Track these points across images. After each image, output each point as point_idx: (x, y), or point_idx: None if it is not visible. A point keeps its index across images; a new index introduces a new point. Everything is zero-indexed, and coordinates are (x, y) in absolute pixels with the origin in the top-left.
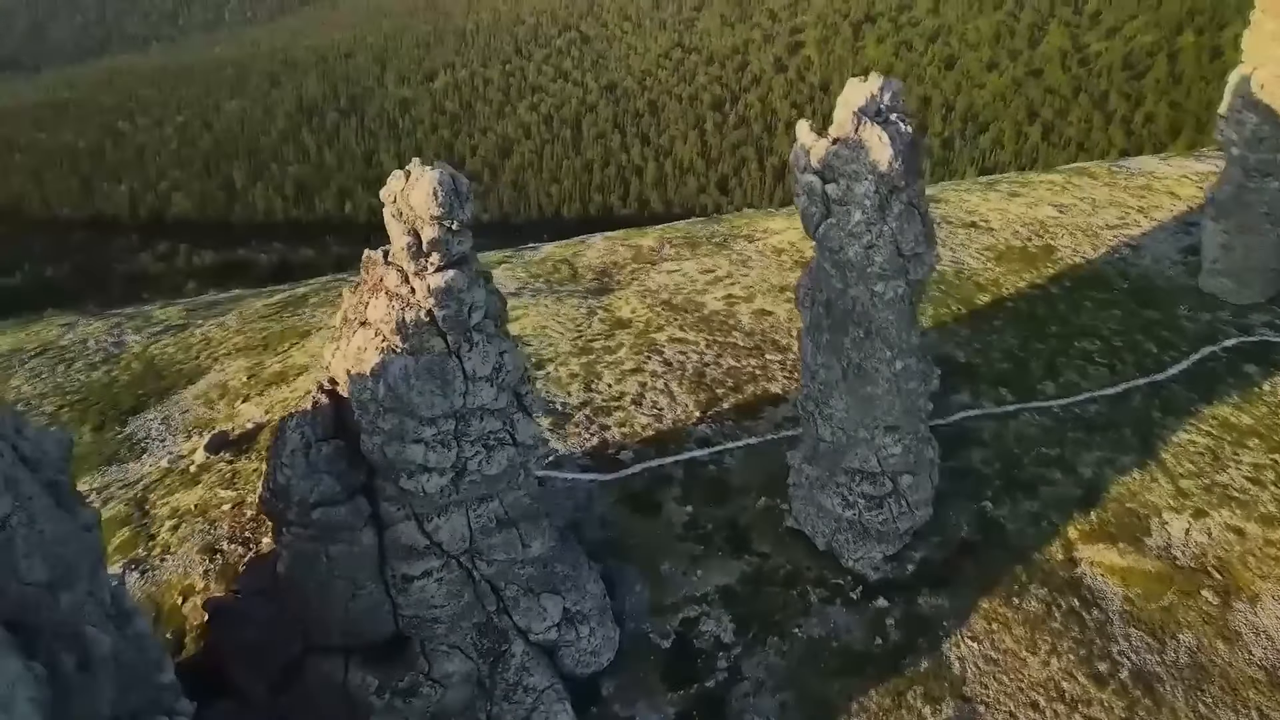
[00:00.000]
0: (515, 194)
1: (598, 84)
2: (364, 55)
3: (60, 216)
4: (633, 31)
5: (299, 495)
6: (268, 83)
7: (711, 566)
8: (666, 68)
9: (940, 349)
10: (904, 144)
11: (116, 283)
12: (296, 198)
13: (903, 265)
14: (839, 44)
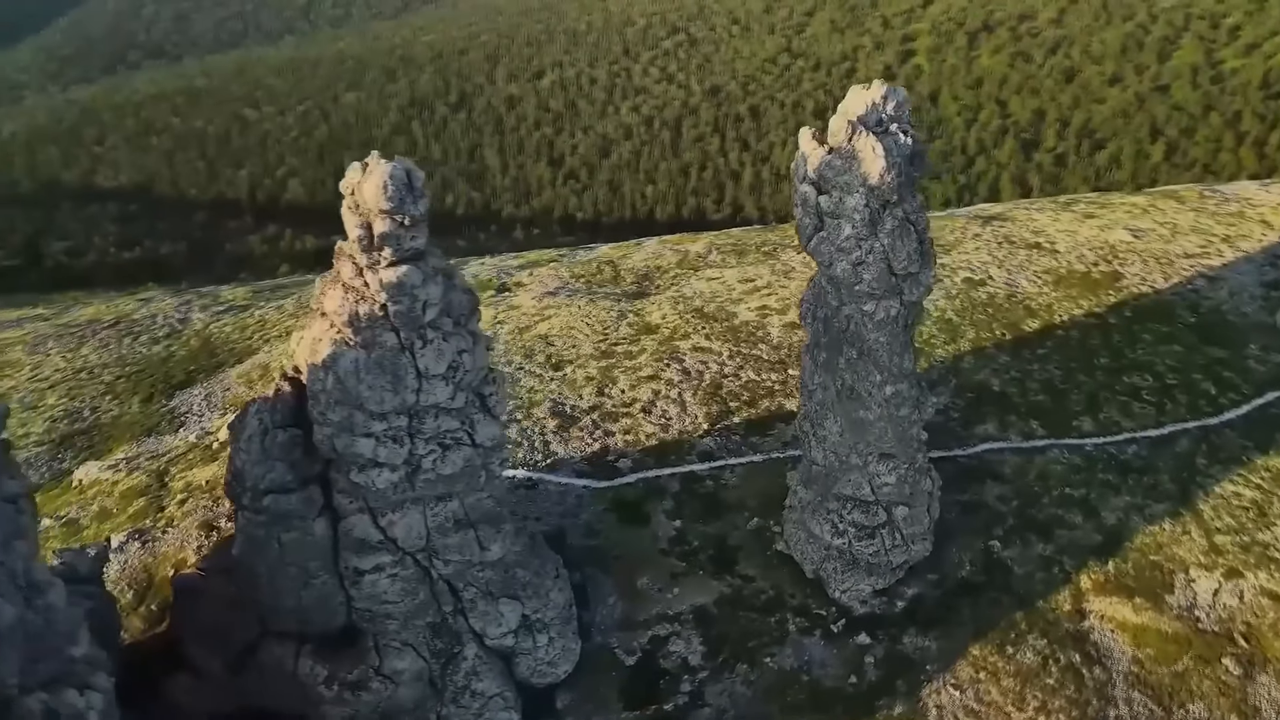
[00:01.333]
0: (610, 194)
1: (701, 87)
2: (477, 52)
3: (186, 197)
4: (740, 35)
5: (252, 480)
6: (384, 76)
7: (690, 585)
8: (771, 72)
9: (974, 376)
10: (901, 156)
11: (222, 262)
12: None
13: (895, 285)
14: (952, 53)
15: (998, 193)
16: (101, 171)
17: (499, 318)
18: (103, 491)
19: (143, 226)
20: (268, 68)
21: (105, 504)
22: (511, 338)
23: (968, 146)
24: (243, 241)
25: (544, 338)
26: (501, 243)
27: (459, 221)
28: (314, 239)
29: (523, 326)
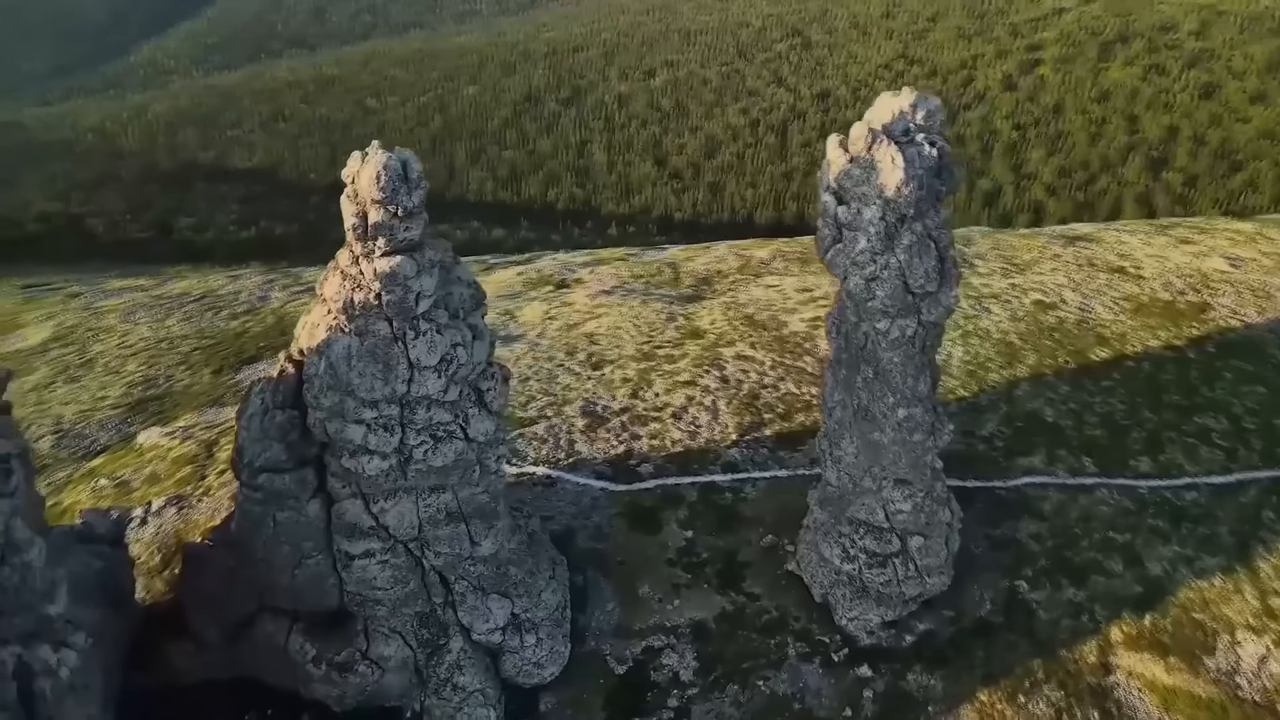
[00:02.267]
0: (711, 196)
1: (810, 91)
2: (594, 50)
3: (306, 181)
4: (858, 40)
5: (249, 457)
6: (502, 71)
7: (693, 598)
8: (885, 78)
9: (1027, 404)
10: (924, 169)
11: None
12: (507, 180)
13: (912, 303)
14: (1080, 64)
15: (1119, 212)
16: (234, 153)
17: (551, 313)
18: (158, 456)
19: (263, 207)
20: (393, 59)
21: (157, 469)
22: (558, 334)
23: (1090, 163)
24: None
25: (590, 336)
26: (597, 239)
27: (560, 215)
28: None
29: (572, 324)
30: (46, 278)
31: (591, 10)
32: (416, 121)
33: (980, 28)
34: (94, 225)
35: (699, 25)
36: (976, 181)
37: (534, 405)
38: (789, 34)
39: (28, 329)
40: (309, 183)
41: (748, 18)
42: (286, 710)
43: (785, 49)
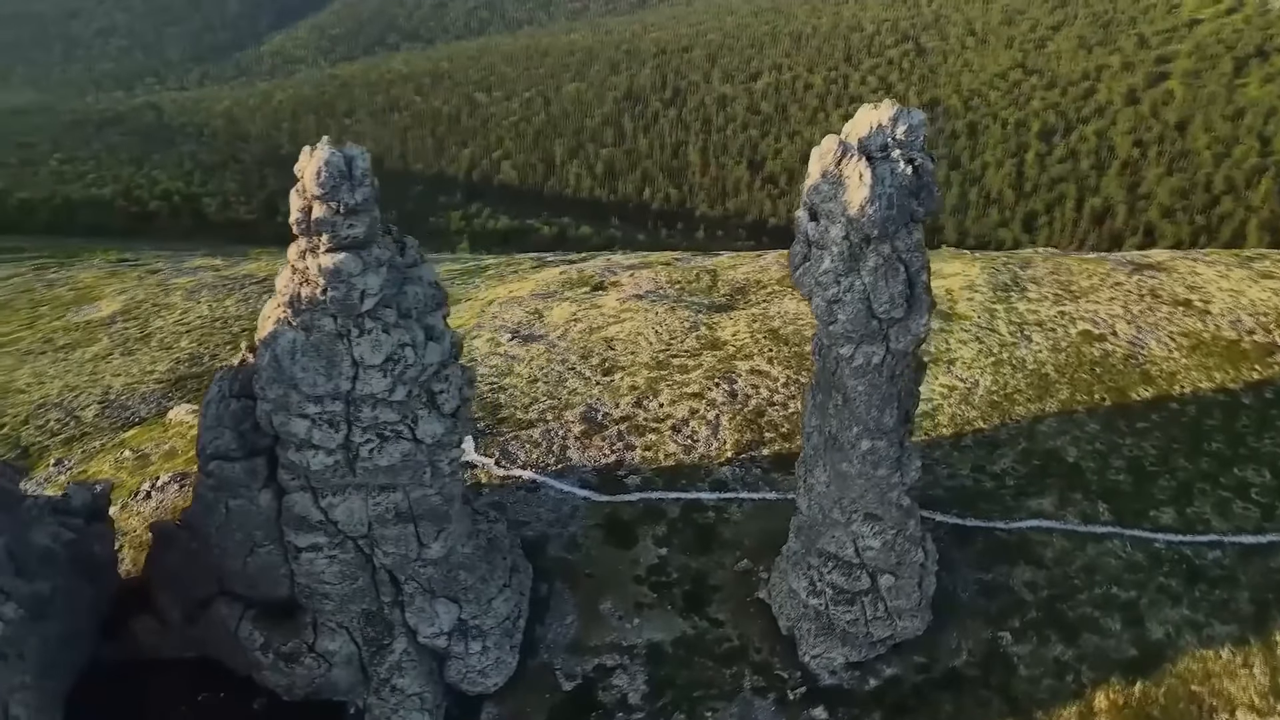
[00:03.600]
0: None
1: (919, 99)
2: (700, 50)
3: (411, 171)
4: (974, 48)
5: (202, 443)
6: (607, 69)
7: (654, 618)
8: (999, 88)
9: (1049, 441)
10: (895, 187)
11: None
12: (604, 177)
13: (878, 329)
14: (1213, 79)
15: (1243, 238)
16: (346, 141)
17: (577, 315)
18: (180, 433)
19: None
20: (502, 55)
21: (177, 444)
22: (579, 337)
23: (1214, 184)
24: (444, 216)
25: (608, 340)
26: (684, 240)
27: (652, 215)
28: (508, 219)
29: (594, 327)
30: (139, 253)
31: (700, 11)
32: (520, 116)
33: (1105, 38)
34: (208, 205)
35: (809, 28)
36: (1088, 202)
37: (535, 407)
38: (901, 39)
39: (103, 301)
40: (412, 173)
41: (860, 22)
42: (240, 694)
43: (896, 55)
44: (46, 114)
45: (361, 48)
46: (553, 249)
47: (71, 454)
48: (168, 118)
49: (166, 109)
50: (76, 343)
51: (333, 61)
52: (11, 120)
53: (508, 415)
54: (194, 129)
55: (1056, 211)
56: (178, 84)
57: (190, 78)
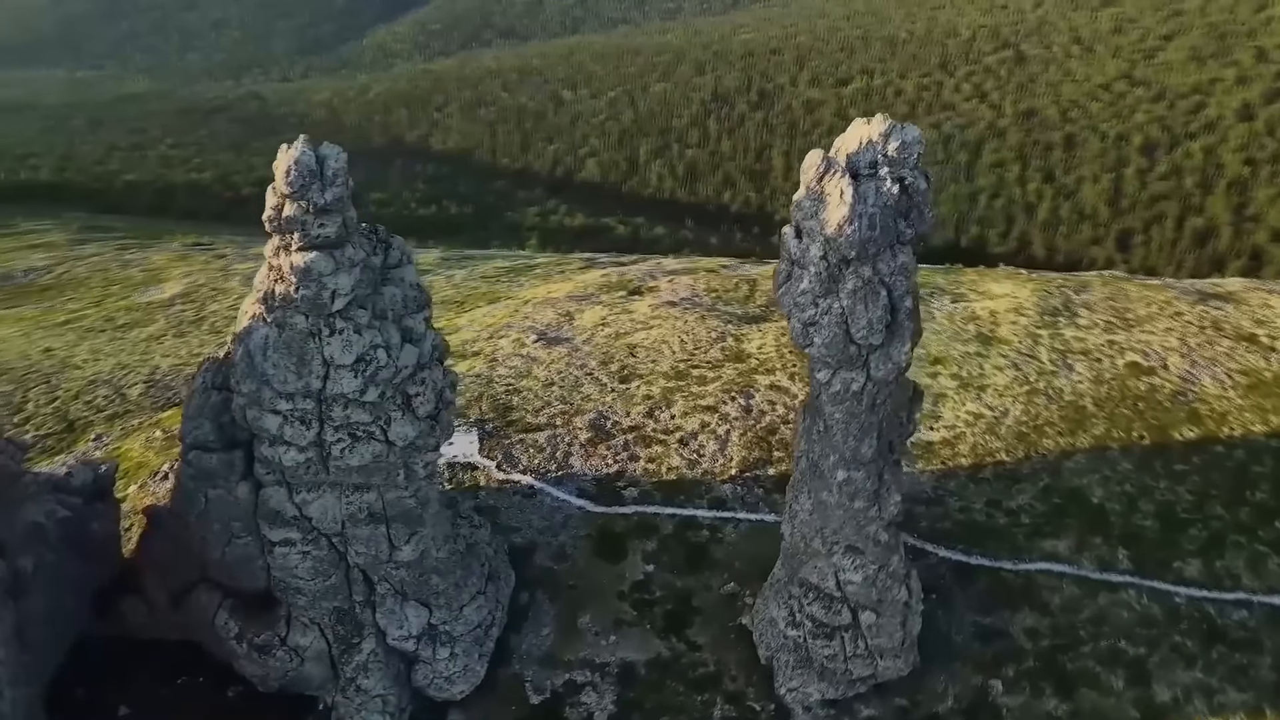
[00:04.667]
0: None
1: (1014, 109)
2: (789, 53)
3: (496, 165)
4: (1079, 56)
5: (183, 433)
6: (694, 70)
7: (631, 637)
8: (1102, 100)
9: (1075, 478)
10: (878, 207)
11: (496, 228)
12: (686, 179)
13: (856, 355)
14: None
15: None
16: (436, 135)
17: (606, 320)
18: None
19: (446, 187)
20: (592, 53)
21: None
22: (604, 342)
23: None
24: (522, 211)
25: (632, 347)
26: (759, 245)
27: (730, 218)
28: (584, 217)
29: (621, 332)
30: (215, 237)
31: (792, 13)
32: (606, 115)
33: (1220, 49)
34: None
35: (904, 33)
36: (1188, 221)
37: (545, 412)
38: (1001, 46)
39: (168, 284)
40: (497, 168)
41: (957, 27)
42: (218, 681)
43: (994, 62)
44: (160, 100)
45: (458, 43)
46: (625, 249)
47: (111, 430)
48: (270, 107)
49: (270, 98)
50: (135, 322)
51: (428, 56)
52: (127, 106)
53: (517, 418)
54: (294, 119)
55: (1155, 231)
56: (282, 75)
57: (295, 69)
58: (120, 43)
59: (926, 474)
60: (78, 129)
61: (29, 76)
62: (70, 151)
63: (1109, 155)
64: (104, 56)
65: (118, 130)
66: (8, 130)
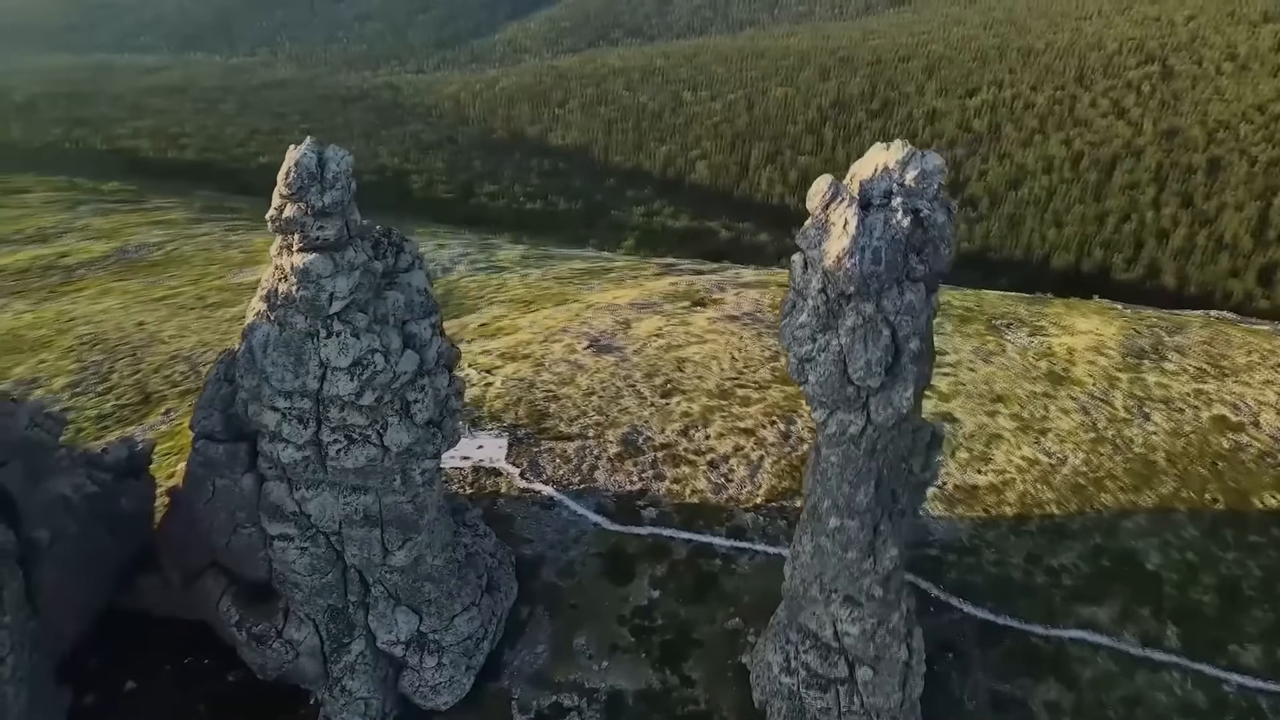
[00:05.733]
0: (1007, 229)
1: (1155, 128)
2: (918, 61)
3: (609, 163)
4: (1232, 74)
5: (193, 421)
6: (818, 75)
7: (624, 664)
8: (1254, 121)
9: (1129, 540)
10: (885, 240)
11: (601, 225)
12: (796, 185)
13: (854, 396)
14: None
15: None
16: (555, 130)
17: (662, 331)
18: None
19: (558, 183)
20: (716, 55)
21: None
22: (654, 354)
23: None
24: (627, 210)
25: (680, 361)
26: None
27: None
28: (688, 220)
29: (673, 345)
30: None
31: (926, 20)
32: (723, 117)
33: None
34: (414, 182)
35: (1042, 44)
36: None
37: (580, 422)
38: (1146, 60)
39: (262, 266)
40: (610, 166)
41: (1102, 40)
42: (221, 664)
43: (1137, 77)
44: (302, 88)
45: (586, 41)
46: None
47: (180, 406)
48: (403, 97)
49: (403, 89)
50: (224, 302)
51: (556, 53)
52: (272, 92)
53: (551, 426)
54: (423, 109)
55: None
56: (417, 67)
57: (430, 62)
58: (272, 31)
59: (965, 520)
60: (227, 112)
61: (189, 60)
62: (217, 133)
63: (1256, 182)
64: (257, 44)
65: (261, 114)
66: (164, 110)
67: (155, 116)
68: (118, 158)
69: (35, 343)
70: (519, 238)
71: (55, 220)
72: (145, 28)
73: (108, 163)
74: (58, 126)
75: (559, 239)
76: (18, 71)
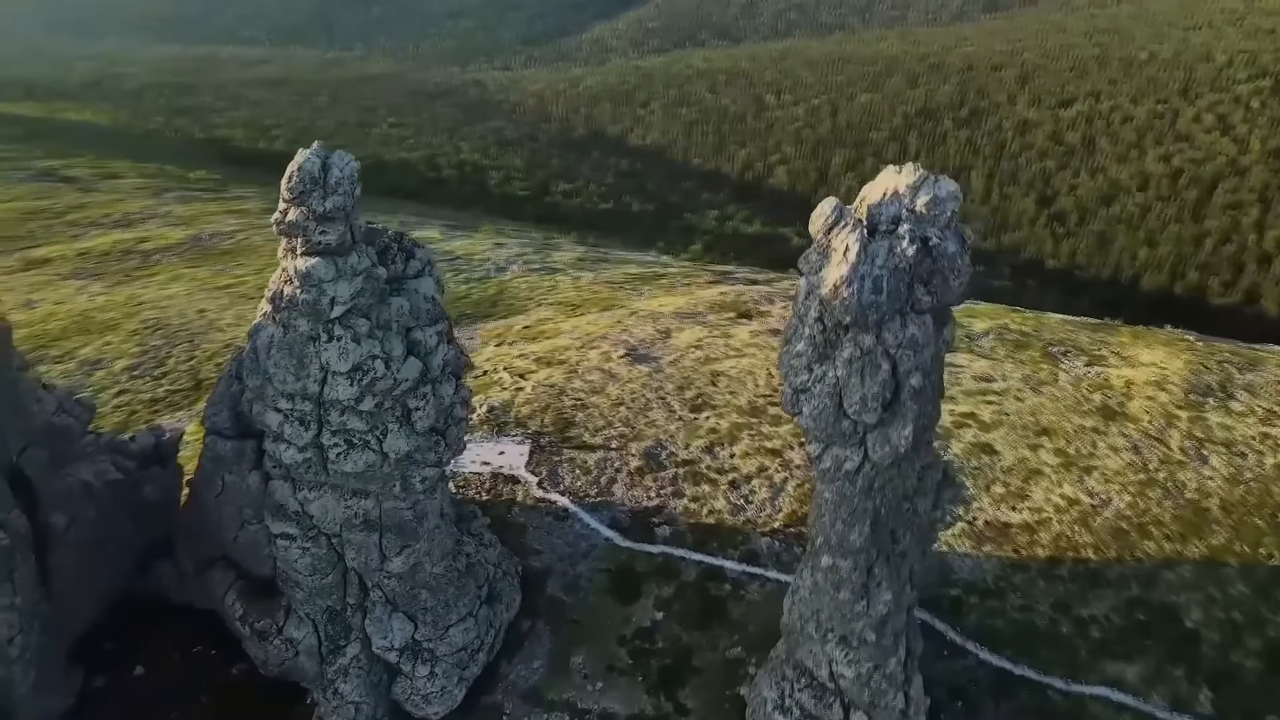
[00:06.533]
0: (1096, 247)
1: (1262, 146)
2: (1012, 70)
3: (688, 165)
4: None
5: (204, 416)
6: (905, 82)
7: (619, 688)
8: None
9: (1171, 594)
10: (887, 269)
11: (674, 229)
12: None
13: (850, 432)
14: None
15: None
16: (635, 131)
17: (701, 342)
18: None
19: (633, 184)
20: (804, 59)
21: None
22: (690, 366)
23: None
24: (701, 213)
25: (715, 375)
26: None
27: None
28: (761, 225)
29: (710, 358)
30: (393, 216)
31: (1023, 27)
32: (805, 122)
33: None
34: (492, 178)
35: (1145, 55)
36: None
37: (604, 433)
38: (1258, 74)
39: None
40: (688, 168)
41: (1211, 51)
42: (227, 656)
43: (1246, 92)
44: (393, 82)
45: (672, 42)
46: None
47: None
48: (488, 94)
49: (489, 86)
50: None
51: (642, 53)
52: (363, 86)
53: (575, 435)
54: (508, 106)
55: None
56: (504, 64)
57: (517, 59)
58: (369, 27)
59: (993, 560)
60: (320, 105)
61: (289, 55)
62: (308, 125)
63: None
64: (353, 39)
65: (351, 108)
66: (262, 102)
67: (251, 108)
68: (211, 147)
69: (104, 325)
70: (584, 238)
71: (141, 206)
72: (249, 21)
73: (201, 151)
74: (161, 115)
75: (627, 240)
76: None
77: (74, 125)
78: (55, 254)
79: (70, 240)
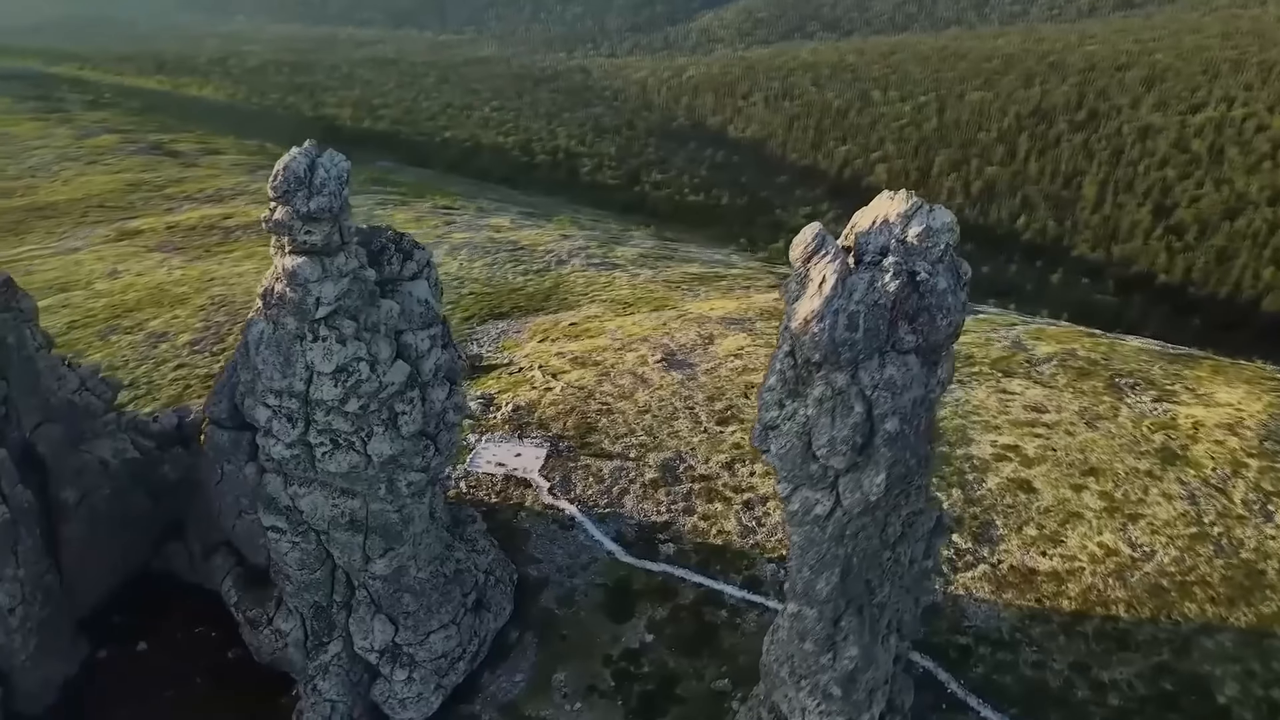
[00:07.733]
0: (1215, 264)
1: None
2: (1138, 71)
3: (784, 160)
4: None
5: (206, 406)
6: (1021, 80)
7: (597, 709)
8: None
9: (1205, 665)
10: (864, 304)
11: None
12: (978, 198)
13: (819, 474)
14: None
15: None
16: (735, 122)
17: (742, 351)
18: None
19: (726, 176)
20: (914, 54)
21: None
22: (726, 375)
23: None
24: (790, 210)
25: (748, 387)
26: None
27: (1020, 247)
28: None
29: (748, 368)
30: (472, 200)
31: (1155, 26)
32: (910, 120)
33: None
34: (583, 165)
35: None
36: None
37: (624, 441)
38: None
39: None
40: (785, 162)
41: None
42: (224, 639)
43: None
44: (499, 65)
45: (780, 33)
46: None
47: None
48: (592, 80)
49: (593, 72)
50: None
51: (748, 44)
52: (471, 68)
53: (594, 441)
54: (610, 94)
55: None
56: (610, 51)
57: (623, 46)
58: (481, 9)
59: (1012, 609)
60: (426, 86)
61: (401, 36)
62: (413, 106)
63: None
64: (465, 22)
65: (457, 90)
66: (371, 81)
67: (362, 87)
68: (318, 124)
69: (175, 299)
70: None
71: (235, 182)
72: (368, 2)
73: (308, 129)
74: (277, 92)
75: (711, 235)
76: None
77: (191, 100)
78: (147, 226)
79: (164, 213)
